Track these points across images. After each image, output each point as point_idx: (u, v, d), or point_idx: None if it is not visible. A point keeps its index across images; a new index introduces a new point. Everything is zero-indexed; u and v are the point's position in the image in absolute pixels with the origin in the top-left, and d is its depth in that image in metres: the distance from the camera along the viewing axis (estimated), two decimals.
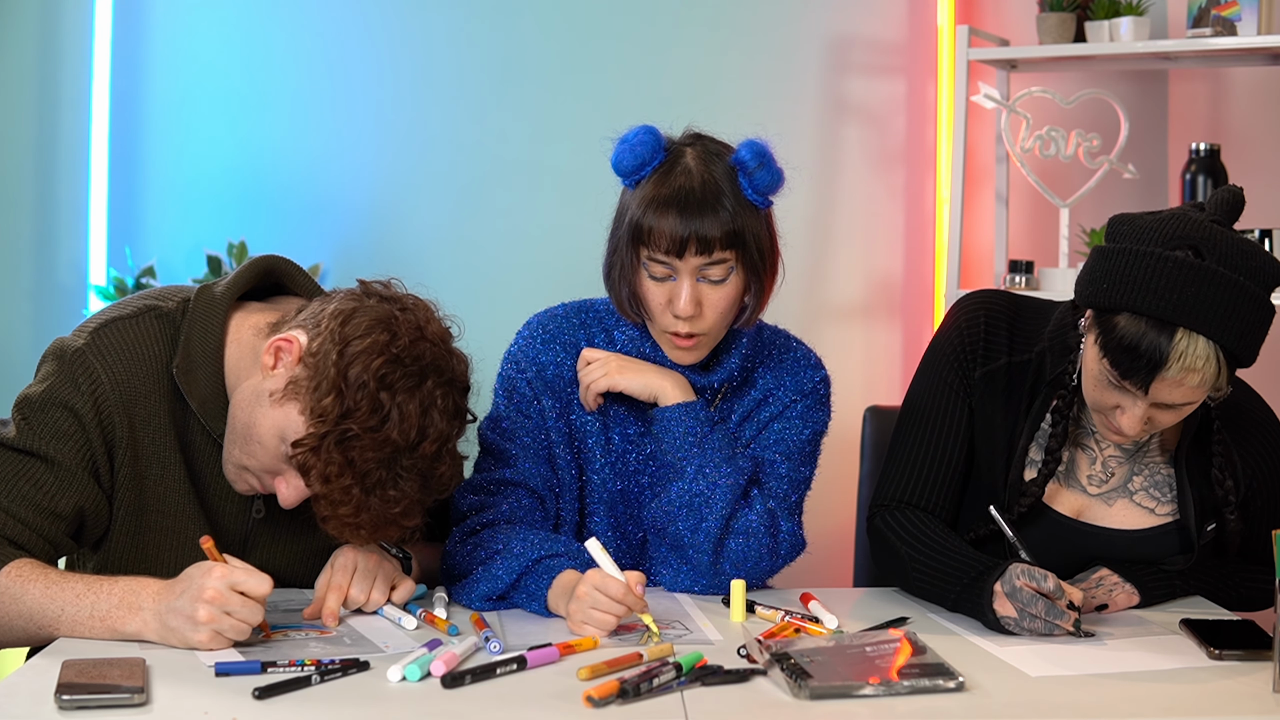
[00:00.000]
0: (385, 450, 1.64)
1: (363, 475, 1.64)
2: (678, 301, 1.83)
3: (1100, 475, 1.92)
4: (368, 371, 1.64)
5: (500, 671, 1.54)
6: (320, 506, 1.67)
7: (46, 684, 1.48)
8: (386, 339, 1.66)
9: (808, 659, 1.54)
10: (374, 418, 1.63)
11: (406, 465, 1.66)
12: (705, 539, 1.87)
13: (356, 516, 1.66)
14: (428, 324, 1.72)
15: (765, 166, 1.85)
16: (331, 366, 1.65)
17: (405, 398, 1.65)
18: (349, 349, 1.65)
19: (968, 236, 3.15)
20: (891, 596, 1.93)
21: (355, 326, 1.67)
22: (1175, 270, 1.67)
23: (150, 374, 1.77)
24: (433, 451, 1.67)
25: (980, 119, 3.16)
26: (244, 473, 1.75)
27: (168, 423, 1.78)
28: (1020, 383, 1.90)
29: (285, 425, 1.68)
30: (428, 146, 3.12)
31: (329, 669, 1.53)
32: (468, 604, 1.82)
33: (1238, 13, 2.83)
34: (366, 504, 1.65)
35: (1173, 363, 1.67)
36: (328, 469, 1.63)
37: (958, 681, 1.51)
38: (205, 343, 1.78)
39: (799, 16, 3.14)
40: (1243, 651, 1.65)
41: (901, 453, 1.95)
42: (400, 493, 1.66)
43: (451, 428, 1.70)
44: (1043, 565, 1.76)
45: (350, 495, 1.64)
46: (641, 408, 1.94)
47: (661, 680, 1.49)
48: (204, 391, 1.77)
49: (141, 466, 1.78)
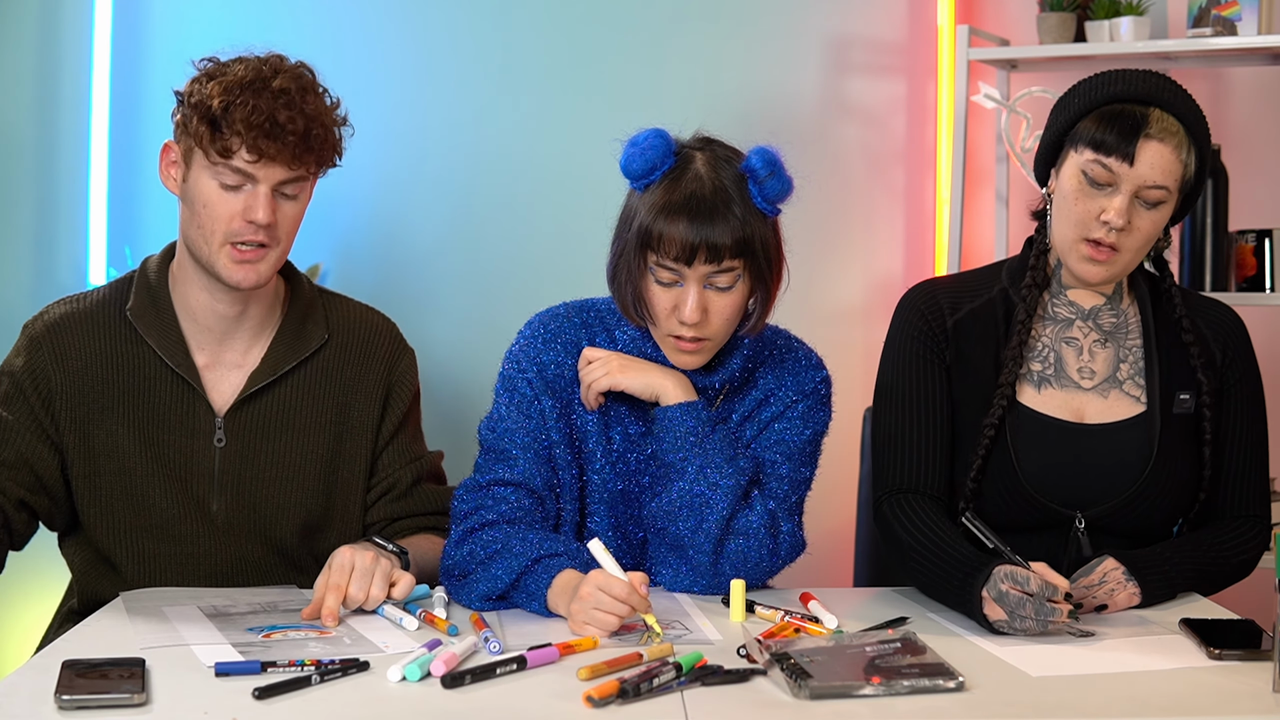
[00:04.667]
0: (249, 71, 1.88)
1: (240, 84, 1.85)
2: (684, 308, 1.83)
3: (1089, 367, 1.98)
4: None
5: (500, 671, 1.54)
6: (235, 125, 1.84)
7: (46, 684, 1.47)
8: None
9: (808, 659, 1.54)
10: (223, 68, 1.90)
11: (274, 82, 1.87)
12: (705, 539, 1.87)
13: (257, 102, 1.83)
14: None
15: (776, 175, 1.85)
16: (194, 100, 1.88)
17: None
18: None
19: (968, 236, 3.15)
20: (891, 596, 1.93)
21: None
22: (1133, 71, 1.93)
23: (99, 326, 1.97)
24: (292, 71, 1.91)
25: (980, 119, 3.16)
26: (227, 250, 1.89)
27: (118, 368, 1.95)
28: (989, 319, 1.99)
29: (200, 173, 1.87)
30: (428, 145, 3.12)
31: (329, 669, 1.53)
32: (467, 604, 1.83)
33: (1238, 13, 2.83)
34: (258, 101, 1.84)
35: (1153, 123, 1.87)
36: (215, 98, 1.84)
37: (958, 681, 1.51)
38: (153, 290, 1.98)
39: (799, 16, 3.14)
40: (1242, 651, 1.65)
41: (894, 438, 1.98)
42: (280, 90, 1.85)
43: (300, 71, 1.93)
44: (1049, 475, 1.90)
45: (242, 97, 1.84)
46: (643, 407, 1.94)
47: (661, 680, 1.49)
48: (158, 325, 1.96)
49: (84, 413, 1.94)
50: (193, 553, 1.98)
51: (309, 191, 1.95)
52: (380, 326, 2.10)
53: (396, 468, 2.06)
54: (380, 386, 2.06)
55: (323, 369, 2.03)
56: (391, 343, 2.10)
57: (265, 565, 2.02)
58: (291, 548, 2.02)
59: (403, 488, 2.06)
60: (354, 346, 2.06)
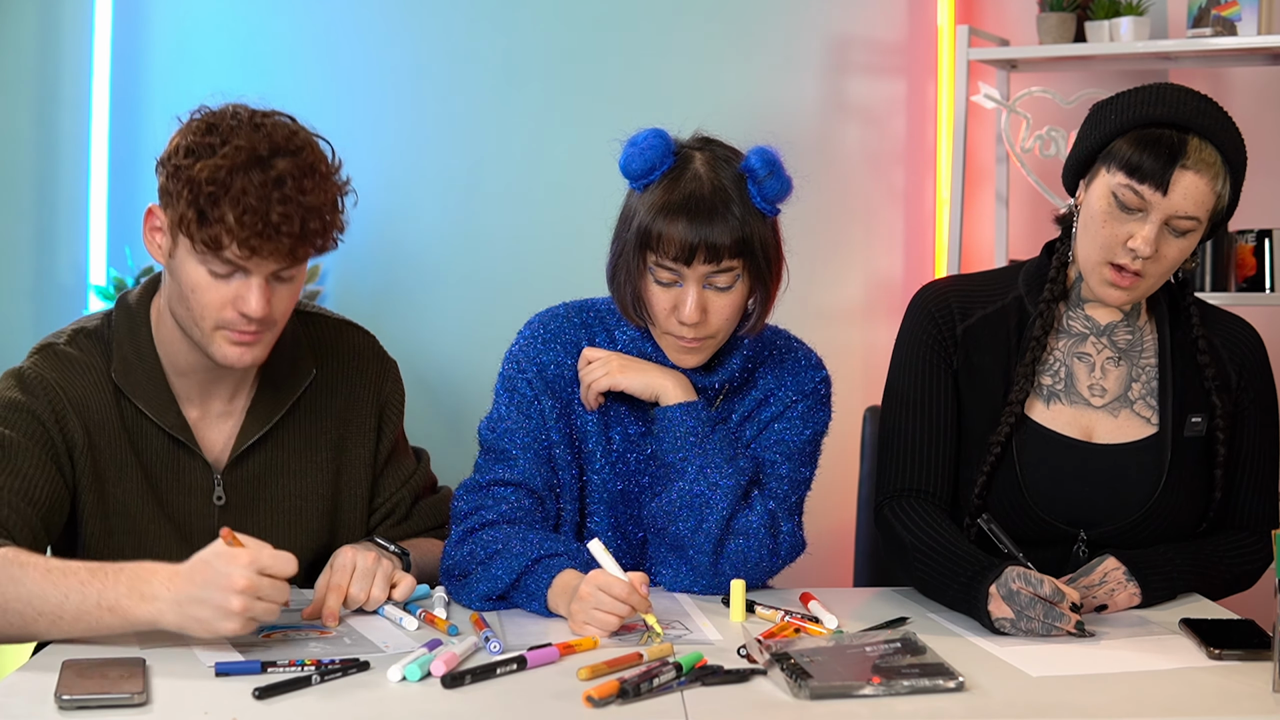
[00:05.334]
0: (241, 153, 1.69)
1: (232, 168, 1.67)
2: (683, 308, 1.83)
3: (1101, 384, 1.94)
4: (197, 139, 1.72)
5: (500, 671, 1.54)
6: (224, 219, 1.67)
7: (46, 684, 1.47)
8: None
9: (808, 659, 1.54)
10: (213, 136, 1.71)
11: (272, 166, 1.70)
12: (706, 539, 1.87)
13: (248, 199, 1.66)
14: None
15: (775, 175, 1.84)
16: (177, 172, 1.71)
17: (239, 132, 1.72)
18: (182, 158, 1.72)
19: (968, 237, 3.15)
20: (891, 596, 1.93)
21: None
22: (1176, 91, 1.86)
23: (93, 385, 1.82)
24: (293, 147, 1.72)
25: (980, 119, 3.16)
26: (221, 333, 1.75)
27: (119, 428, 1.82)
28: (1001, 327, 1.96)
29: (187, 257, 1.72)
30: (428, 146, 3.12)
31: (329, 669, 1.53)
32: (467, 604, 1.82)
33: (1238, 13, 2.83)
34: (250, 197, 1.67)
35: (1191, 152, 1.80)
36: (204, 182, 1.67)
37: (958, 681, 1.51)
38: (135, 342, 1.84)
39: (799, 16, 3.14)
40: (1243, 651, 1.65)
41: (898, 440, 1.97)
42: (276, 179, 1.68)
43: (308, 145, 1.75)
44: (1054, 493, 1.86)
45: (234, 188, 1.66)
46: (642, 407, 1.94)
47: (661, 680, 1.49)
48: (146, 386, 1.83)
49: (100, 469, 1.81)
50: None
51: (305, 269, 1.80)
52: (361, 345, 2.00)
53: (394, 490, 2.01)
54: (373, 414, 1.98)
55: (313, 406, 1.94)
56: (375, 361, 2.00)
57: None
58: (298, 585, 1.92)
59: (403, 511, 2.02)
60: (341, 374, 1.97)
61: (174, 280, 1.77)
